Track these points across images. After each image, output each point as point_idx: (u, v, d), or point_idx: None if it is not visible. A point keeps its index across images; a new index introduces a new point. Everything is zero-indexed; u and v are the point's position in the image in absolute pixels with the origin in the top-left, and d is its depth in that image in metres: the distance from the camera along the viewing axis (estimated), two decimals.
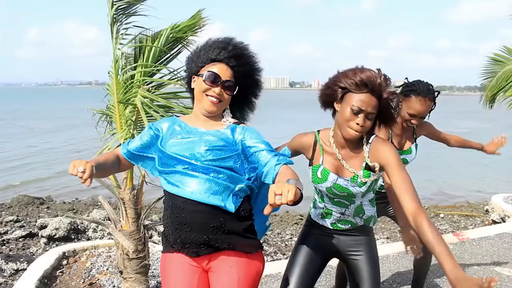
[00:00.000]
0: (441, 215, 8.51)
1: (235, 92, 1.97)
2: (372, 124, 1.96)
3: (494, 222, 7.08)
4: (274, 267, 4.31)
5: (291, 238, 7.49)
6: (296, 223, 8.76)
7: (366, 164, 2.00)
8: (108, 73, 3.32)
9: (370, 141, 2.01)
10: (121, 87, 3.16)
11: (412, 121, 2.70)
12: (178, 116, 2.13)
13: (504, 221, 6.85)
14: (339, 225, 2.21)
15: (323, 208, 2.21)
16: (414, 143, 2.90)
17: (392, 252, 4.78)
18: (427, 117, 2.78)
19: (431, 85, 2.73)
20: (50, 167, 14.48)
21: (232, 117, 2.05)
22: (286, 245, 6.96)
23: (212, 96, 1.91)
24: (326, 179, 2.06)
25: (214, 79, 1.90)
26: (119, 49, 3.18)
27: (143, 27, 3.36)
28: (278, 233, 7.91)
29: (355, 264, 2.19)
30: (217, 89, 1.91)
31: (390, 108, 1.94)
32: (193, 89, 2.00)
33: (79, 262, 4.43)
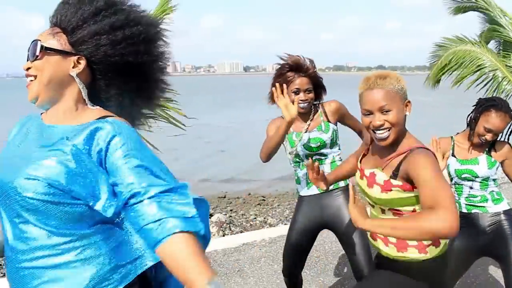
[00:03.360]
0: None
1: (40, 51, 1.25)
2: (314, 96, 2.61)
3: None
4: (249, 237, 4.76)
5: (255, 218, 7.96)
6: (259, 204, 9.25)
7: (326, 118, 2.66)
8: None
9: (320, 107, 2.70)
10: None
11: (487, 136, 2.55)
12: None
13: None
14: None
15: (306, 174, 2.67)
16: (486, 154, 2.63)
17: None
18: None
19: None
20: None
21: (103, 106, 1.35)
22: (251, 225, 7.41)
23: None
24: (300, 138, 2.61)
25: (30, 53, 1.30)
26: None
27: None
28: (243, 214, 8.36)
29: (342, 231, 2.63)
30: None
31: (318, 79, 2.61)
32: None
33: None
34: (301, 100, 2.54)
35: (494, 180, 2.62)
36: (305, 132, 2.63)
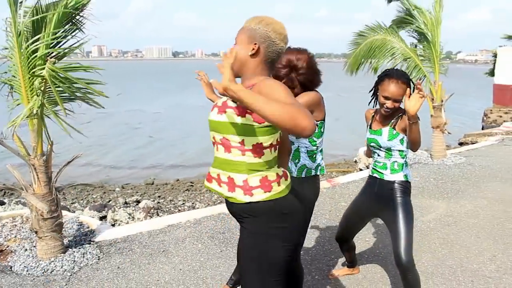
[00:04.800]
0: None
1: None
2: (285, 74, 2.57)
3: (361, 170, 8.34)
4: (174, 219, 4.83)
5: (183, 203, 8.02)
6: (187, 190, 9.30)
7: None
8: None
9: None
10: (26, 60, 3.35)
11: (387, 104, 2.76)
12: None
13: (368, 168, 8.13)
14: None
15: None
16: (389, 127, 2.85)
17: None
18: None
19: (406, 73, 2.86)
20: None
21: None
22: (179, 210, 7.43)
23: None
24: None
25: None
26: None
27: None
28: (171, 200, 8.38)
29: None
30: None
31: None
32: None
33: None
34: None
35: (400, 151, 2.84)
36: None
